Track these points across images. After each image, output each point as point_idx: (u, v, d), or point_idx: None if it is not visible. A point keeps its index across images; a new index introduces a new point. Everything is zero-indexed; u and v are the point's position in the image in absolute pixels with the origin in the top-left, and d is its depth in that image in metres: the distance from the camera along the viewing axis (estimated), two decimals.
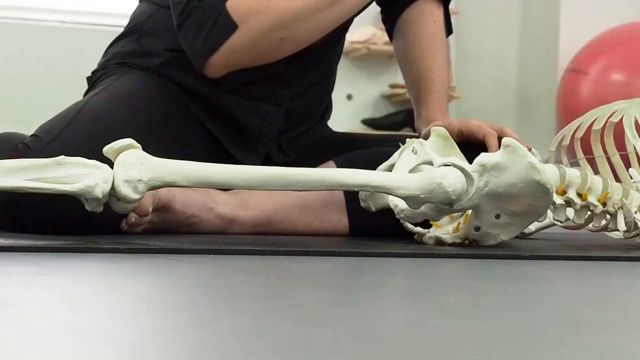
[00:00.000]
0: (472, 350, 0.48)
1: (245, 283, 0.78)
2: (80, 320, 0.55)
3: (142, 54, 1.49)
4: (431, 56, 1.56)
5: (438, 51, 1.57)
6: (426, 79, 1.54)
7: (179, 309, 0.61)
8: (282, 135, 1.55)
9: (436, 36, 1.58)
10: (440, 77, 1.55)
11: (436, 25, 1.59)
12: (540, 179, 1.13)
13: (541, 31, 4.24)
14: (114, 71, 1.48)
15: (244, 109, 1.49)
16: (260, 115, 1.50)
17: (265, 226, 1.40)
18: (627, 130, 1.37)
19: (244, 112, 1.49)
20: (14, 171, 1.05)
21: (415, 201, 1.13)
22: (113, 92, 1.38)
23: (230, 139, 1.49)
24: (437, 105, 1.51)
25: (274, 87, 1.51)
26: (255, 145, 1.51)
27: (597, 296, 0.79)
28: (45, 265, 0.88)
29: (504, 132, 1.38)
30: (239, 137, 1.50)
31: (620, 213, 1.29)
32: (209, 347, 0.46)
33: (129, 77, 1.42)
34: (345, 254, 1.09)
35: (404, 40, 1.60)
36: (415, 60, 1.57)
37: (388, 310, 0.65)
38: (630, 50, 3.71)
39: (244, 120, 1.49)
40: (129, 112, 1.34)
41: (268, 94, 1.51)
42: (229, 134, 1.49)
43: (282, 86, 1.51)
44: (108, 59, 1.53)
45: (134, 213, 1.26)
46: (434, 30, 1.58)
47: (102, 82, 1.46)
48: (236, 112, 1.48)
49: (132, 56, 1.50)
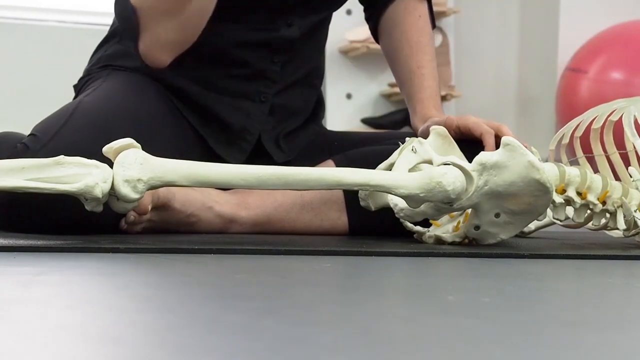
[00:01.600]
0: (471, 349, 0.48)
1: (245, 282, 0.78)
2: (80, 320, 0.55)
3: (126, 54, 1.49)
4: (420, 52, 1.56)
5: (427, 46, 1.57)
6: (418, 75, 1.54)
7: (178, 308, 0.61)
8: (276, 130, 1.55)
9: (424, 31, 1.58)
10: (432, 72, 1.54)
11: (422, 20, 1.59)
12: (540, 177, 1.13)
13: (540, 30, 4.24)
14: (99, 75, 1.49)
15: (227, 107, 1.49)
16: (243, 113, 1.50)
17: (264, 225, 1.40)
18: (626, 128, 1.37)
19: (227, 109, 1.49)
20: (13, 171, 1.05)
21: (415, 200, 1.13)
22: (104, 92, 1.39)
23: (213, 136, 1.49)
24: (431, 102, 1.51)
25: (257, 84, 1.51)
26: (239, 141, 1.51)
27: (596, 295, 0.79)
28: (45, 265, 0.88)
29: (501, 130, 1.37)
30: (222, 133, 1.50)
31: (620, 212, 1.29)
32: (209, 347, 0.46)
33: (115, 78, 1.43)
34: (344, 253, 1.09)
35: (390, 38, 1.60)
36: (405, 57, 1.56)
37: (387, 309, 0.65)
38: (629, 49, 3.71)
39: (227, 117, 1.49)
40: (122, 110, 1.34)
41: (251, 91, 1.51)
42: (212, 130, 1.49)
43: (265, 83, 1.52)
44: (92, 65, 1.54)
45: (133, 212, 1.26)
46: (420, 25, 1.58)
47: (90, 85, 1.47)
48: (219, 109, 1.49)
49: (115, 58, 1.51)
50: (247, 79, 1.50)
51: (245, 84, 1.50)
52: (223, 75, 1.48)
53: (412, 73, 1.54)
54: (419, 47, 1.56)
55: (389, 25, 1.59)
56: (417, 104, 1.52)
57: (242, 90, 1.50)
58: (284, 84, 1.54)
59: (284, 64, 1.52)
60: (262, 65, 1.49)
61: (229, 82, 1.49)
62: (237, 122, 1.50)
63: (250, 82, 1.50)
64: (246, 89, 1.50)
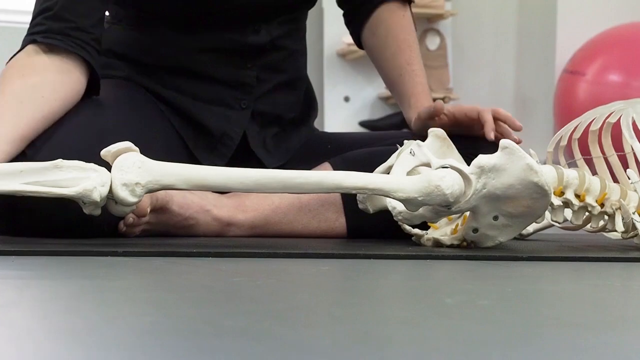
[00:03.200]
0: (470, 351, 0.48)
1: (243, 285, 0.78)
2: (77, 324, 0.55)
3: (108, 65, 1.49)
4: (408, 49, 1.56)
5: (413, 43, 1.57)
6: (409, 71, 1.54)
7: (176, 311, 0.61)
8: (261, 135, 1.54)
9: (409, 29, 1.58)
10: (421, 68, 1.55)
11: (405, 18, 1.59)
12: (538, 180, 1.13)
13: (538, 32, 4.24)
14: None
15: (208, 113, 1.49)
16: (224, 119, 1.50)
17: (262, 228, 1.40)
18: (624, 130, 1.37)
19: (208, 116, 1.49)
20: (11, 175, 1.05)
21: (414, 204, 1.13)
22: (95, 97, 1.39)
23: (195, 141, 1.49)
24: (425, 96, 1.51)
25: (235, 92, 1.50)
26: (219, 147, 1.50)
27: (595, 297, 0.79)
28: (42, 269, 0.87)
29: (498, 112, 1.40)
30: (205, 139, 1.49)
31: (618, 214, 1.29)
32: (207, 350, 0.46)
33: (105, 84, 1.43)
34: (343, 256, 1.09)
35: (376, 37, 1.59)
36: (393, 55, 1.56)
37: (386, 312, 0.65)
38: (627, 51, 3.71)
39: (209, 123, 1.49)
40: (115, 114, 1.34)
41: (232, 99, 1.50)
42: (193, 135, 1.49)
43: (243, 90, 1.51)
44: None
45: (132, 214, 1.27)
46: (405, 23, 1.58)
47: None
48: (200, 115, 1.49)
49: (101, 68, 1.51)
50: (224, 87, 1.50)
51: (224, 91, 1.50)
52: (201, 85, 1.49)
53: (403, 69, 1.54)
54: (406, 45, 1.56)
55: (374, 25, 1.59)
56: (411, 98, 1.51)
57: (221, 99, 1.50)
58: (262, 90, 1.53)
59: (259, 69, 1.51)
60: (237, 72, 1.49)
61: (208, 90, 1.49)
62: (218, 128, 1.49)
63: (229, 89, 1.50)
64: (225, 96, 1.50)
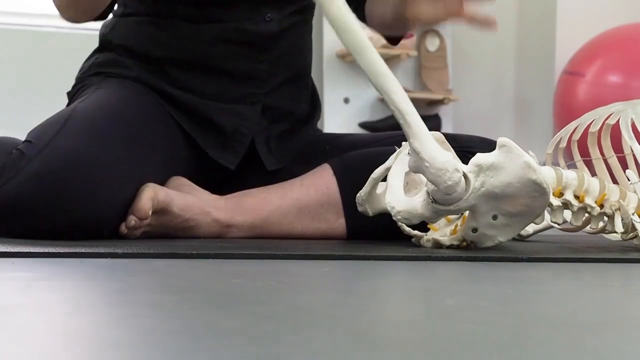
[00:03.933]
0: (470, 352, 0.48)
1: (243, 287, 0.78)
2: (78, 325, 0.55)
3: (117, 63, 1.50)
4: None
5: None
6: None
7: (176, 313, 0.61)
8: (268, 131, 1.54)
9: None
10: None
11: None
12: (537, 178, 1.13)
13: (537, 33, 4.24)
14: (92, 81, 1.50)
15: (220, 111, 1.50)
16: (236, 115, 1.51)
17: (262, 229, 1.40)
18: (623, 132, 1.37)
19: (220, 113, 1.50)
20: None
21: (419, 158, 1.11)
22: (97, 98, 1.39)
23: (207, 140, 1.49)
24: None
25: (246, 86, 1.51)
26: (232, 144, 1.51)
27: (595, 297, 0.79)
28: (43, 271, 0.87)
29: None
30: (216, 137, 1.50)
31: (618, 215, 1.29)
32: (207, 351, 0.46)
33: (109, 85, 1.43)
34: (343, 257, 1.09)
35: None
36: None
37: (386, 313, 0.65)
38: (626, 52, 3.71)
39: (220, 120, 1.49)
40: (116, 117, 1.34)
41: (242, 94, 1.51)
42: (205, 134, 1.49)
43: (254, 84, 1.52)
44: (84, 72, 1.55)
45: (133, 216, 1.27)
46: None
47: (84, 92, 1.47)
48: (212, 114, 1.49)
49: (107, 65, 1.52)
50: (235, 81, 1.50)
51: (235, 87, 1.51)
52: (212, 81, 1.49)
53: None
54: None
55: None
56: None
57: (232, 94, 1.51)
58: (272, 84, 1.54)
59: (270, 63, 1.52)
60: (248, 65, 1.50)
61: (219, 87, 1.50)
62: (230, 124, 1.50)
63: (240, 84, 1.51)
64: (236, 92, 1.51)
